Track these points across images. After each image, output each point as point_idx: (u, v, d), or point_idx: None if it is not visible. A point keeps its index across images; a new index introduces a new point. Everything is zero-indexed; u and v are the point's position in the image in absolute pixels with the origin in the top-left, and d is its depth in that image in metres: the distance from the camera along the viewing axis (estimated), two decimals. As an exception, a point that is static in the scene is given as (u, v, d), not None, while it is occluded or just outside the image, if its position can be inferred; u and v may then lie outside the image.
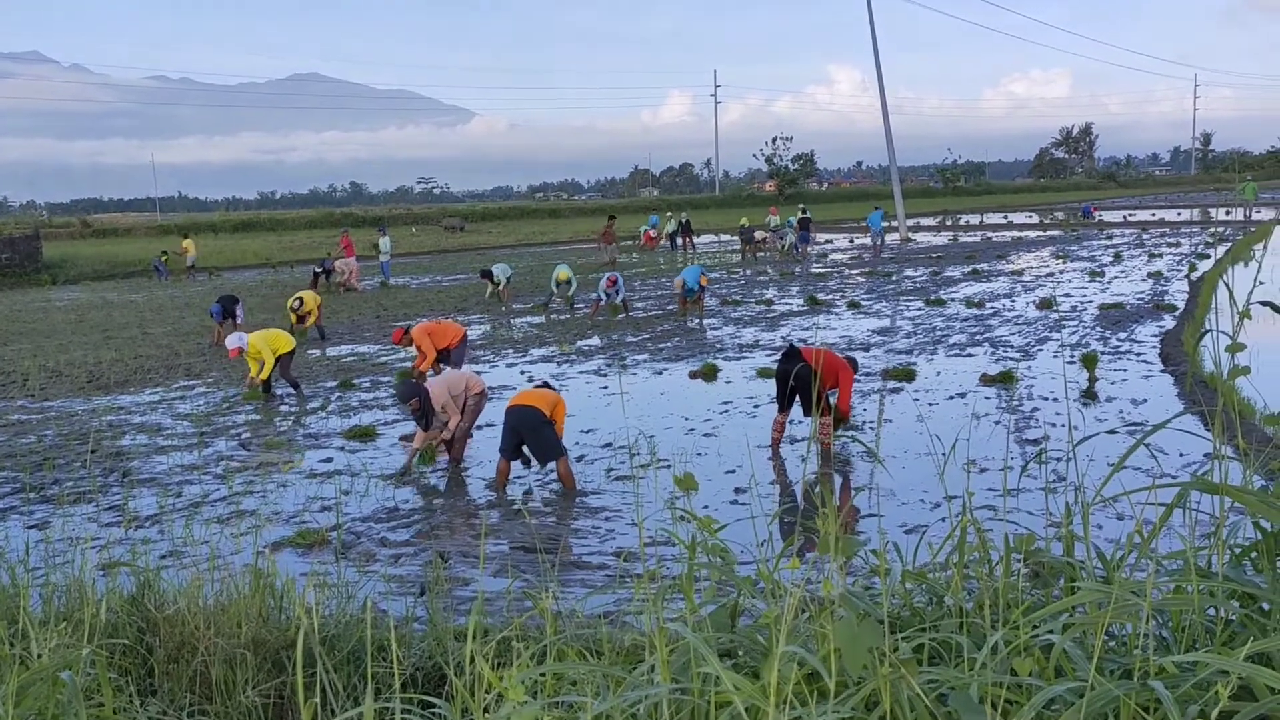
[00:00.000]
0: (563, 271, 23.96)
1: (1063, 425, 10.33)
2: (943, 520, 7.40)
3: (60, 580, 5.08)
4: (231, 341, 13.34)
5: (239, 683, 4.00)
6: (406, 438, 11.16)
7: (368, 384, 14.56)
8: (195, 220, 76.89)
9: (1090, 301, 20.85)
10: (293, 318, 19.14)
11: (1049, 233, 47.80)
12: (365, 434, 11.41)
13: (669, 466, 9.37)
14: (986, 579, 2.59)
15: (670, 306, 22.37)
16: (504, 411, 9.34)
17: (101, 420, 12.55)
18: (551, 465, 9.24)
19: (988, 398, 12.07)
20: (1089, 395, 12.00)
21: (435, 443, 10.26)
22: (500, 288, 25.02)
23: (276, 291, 29.55)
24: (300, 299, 19.39)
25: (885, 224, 40.10)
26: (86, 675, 3.05)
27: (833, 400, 10.04)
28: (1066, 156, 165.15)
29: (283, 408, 13.20)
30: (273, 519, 8.50)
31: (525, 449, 9.26)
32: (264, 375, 13.50)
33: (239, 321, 19.50)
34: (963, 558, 2.71)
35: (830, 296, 23.71)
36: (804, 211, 43.16)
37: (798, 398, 10.07)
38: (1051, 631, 2.23)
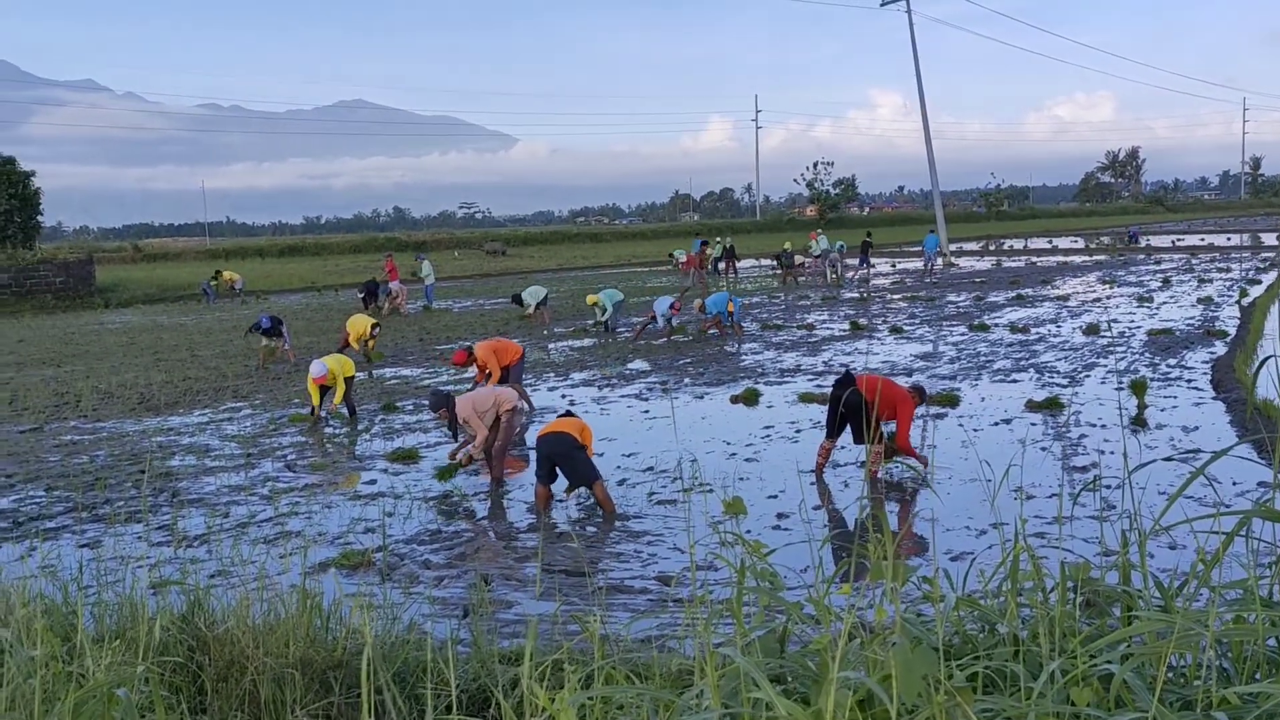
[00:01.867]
0: (590, 296, 24.18)
1: (1111, 453, 10.19)
2: (990, 548, 7.32)
3: (112, 598, 5.15)
4: (316, 370, 13.38)
5: (287, 702, 4.03)
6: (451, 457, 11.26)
7: (411, 407, 14.66)
8: (242, 245, 78.04)
9: (1139, 327, 20.57)
10: (359, 345, 19.06)
11: (1095, 258, 47.29)
12: (408, 456, 11.48)
13: (711, 491, 9.34)
14: (1041, 607, 2.55)
15: (711, 332, 22.37)
16: (535, 441, 9.39)
17: (152, 441, 12.73)
18: (586, 491, 9.27)
19: (1034, 424, 11.92)
20: (1138, 422, 11.82)
21: (464, 461, 10.33)
22: (530, 312, 25.09)
23: (321, 315, 29.88)
24: (365, 326, 19.31)
25: (925, 250, 40.66)
26: (140, 692, 3.08)
27: (886, 430, 9.85)
28: (1113, 181, 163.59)
29: (327, 430, 13.32)
30: (318, 540, 8.56)
31: (560, 473, 9.29)
32: (338, 400, 13.60)
33: (287, 345, 19.73)
34: (1015, 585, 2.68)
35: (872, 321, 23.59)
36: (867, 236, 43.52)
37: (849, 425, 9.93)
38: (1110, 662, 2.19)
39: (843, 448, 10.64)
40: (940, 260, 42.80)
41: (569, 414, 9.94)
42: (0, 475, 11.12)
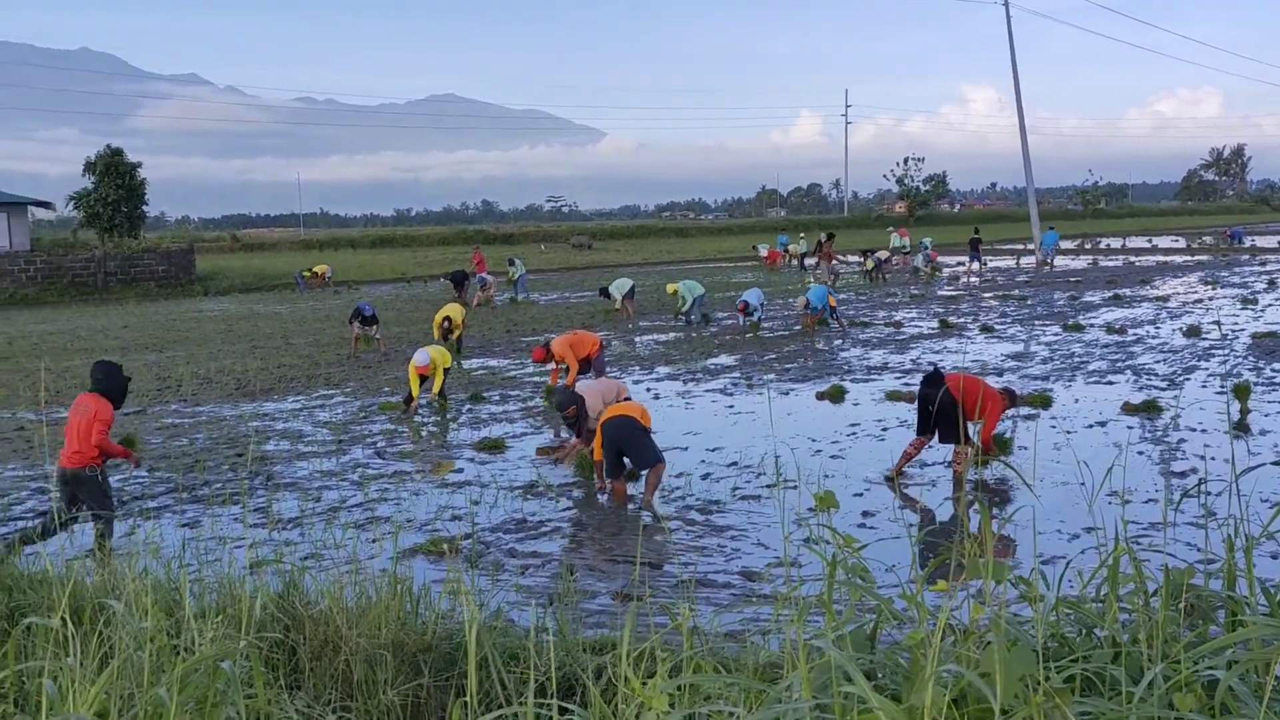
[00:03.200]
0: (670, 285, 24.35)
1: (1212, 458, 9.88)
2: (1083, 552, 7.16)
3: (211, 577, 5.32)
4: (420, 359, 13.65)
5: (379, 682, 4.12)
6: (544, 450, 11.37)
7: (497, 397, 14.84)
8: (335, 236, 79.75)
9: (1242, 330, 19.89)
10: (436, 333, 19.42)
11: (1197, 257, 45.85)
12: (495, 446, 11.63)
13: (795, 487, 9.29)
14: (1143, 611, 2.49)
15: (797, 327, 22.22)
16: (600, 427, 9.40)
17: (248, 426, 13.09)
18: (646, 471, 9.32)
19: (1130, 427, 11.62)
20: (1241, 427, 11.44)
21: (562, 458, 10.43)
22: (617, 305, 25.25)
23: (411, 306, 30.40)
24: (449, 317, 19.60)
25: (1042, 245, 41.88)
26: (241, 667, 3.19)
27: (973, 430, 9.70)
28: (1216, 179, 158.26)
29: (416, 419, 13.55)
30: (406, 526, 8.72)
31: (626, 460, 9.35)
32: (436, 389, 13.85)
33: (378, 335, 20.14)
34: (1114, 588, 2.62)
35: (962, 320, 23.20)
36: (975, 232, 43.16)
37: (937, 425, 9.80)
38: (1214, 668, 2.14)
39: (931, 447, 10.50)
40: (1050, 255, 42.46)
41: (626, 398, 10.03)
42: (106, 455, 11.53)
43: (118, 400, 8.24)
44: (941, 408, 9.43)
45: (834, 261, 37.29)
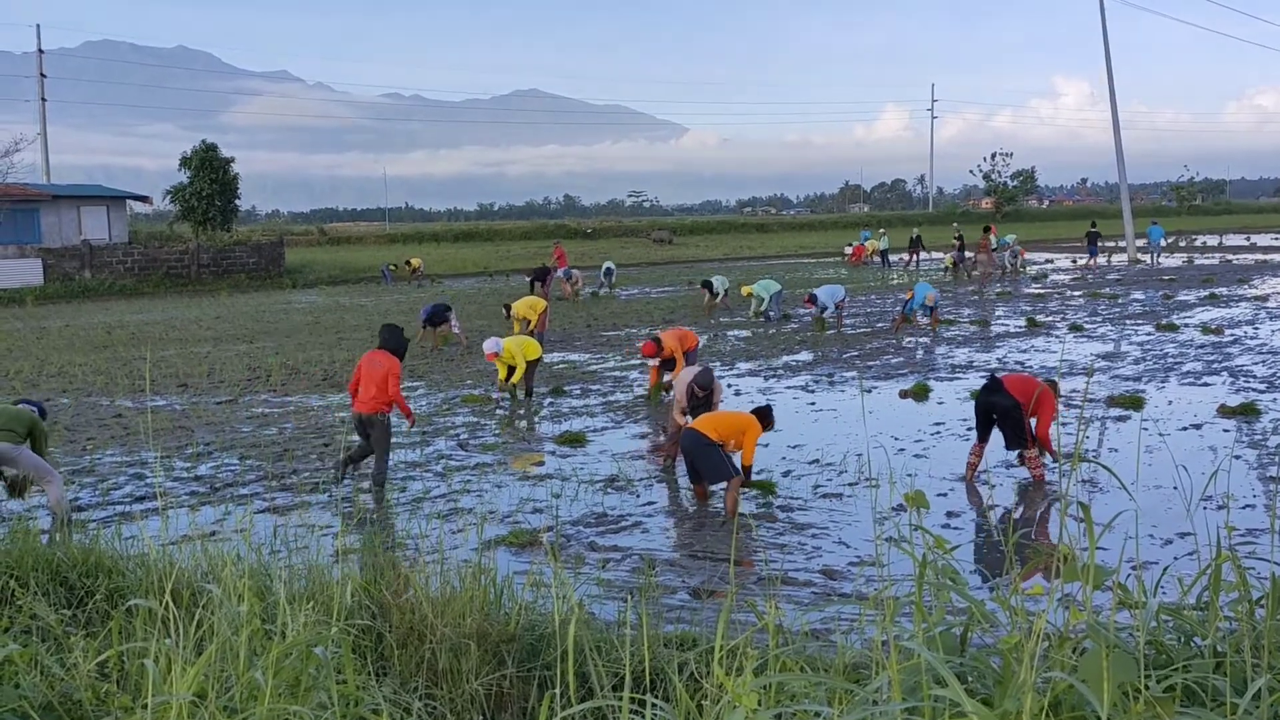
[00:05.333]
0: (745, 287, 24.39)
1: (1314, 464, 9.54)
2: (1176, 559, 6.97)
3: (300, 563, 5.44)
4: (489, 346, 13.96)
5: (463, 671, 4.17)
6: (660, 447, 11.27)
7: (578, 391, 14.92)
8: (420, 230, 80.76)
9: (1347, 331, 19.15)
10: (516, 327, 19.49)
11: (1298, 256, 44.25)
12: (575, 440, 11.70)
13: (877, 486, 9.19)
14: (1246, 620, 2.42)
15: (880, 324, 21.94)
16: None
17: (335, 416, 13.36)
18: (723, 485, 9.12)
19: (1226, 430, 11.27)
20: (1345, 432, 11.02)
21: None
22: (719, 299, 25.46)
23: (494, 299, 30.72)
24: (525, 318, 19.66)
25: (1150, 240, 41.89)
26: (331, 652, 3.25)
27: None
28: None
29: (498, 412, 13.69)
30: (489, 518, 8.82)
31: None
32: (515, 379, 14.03)
33: (455, 328, 20.31)
34: (1216, 595, 2.55)
35: (1050, 318, 22.71)
36: (1093, 226, 42.98)
37: (1003, 430, 9.69)
38: (1324, 681, 2.06)
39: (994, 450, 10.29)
40: (1157, 251, 41.74)
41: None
42: (200, 443, 11.87)
43: (402, 357, 10.09)
44: (1005, 412, 9.38)
45: (991, 255, 36.73)
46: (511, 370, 14.01)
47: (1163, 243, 43.33)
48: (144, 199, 49.55)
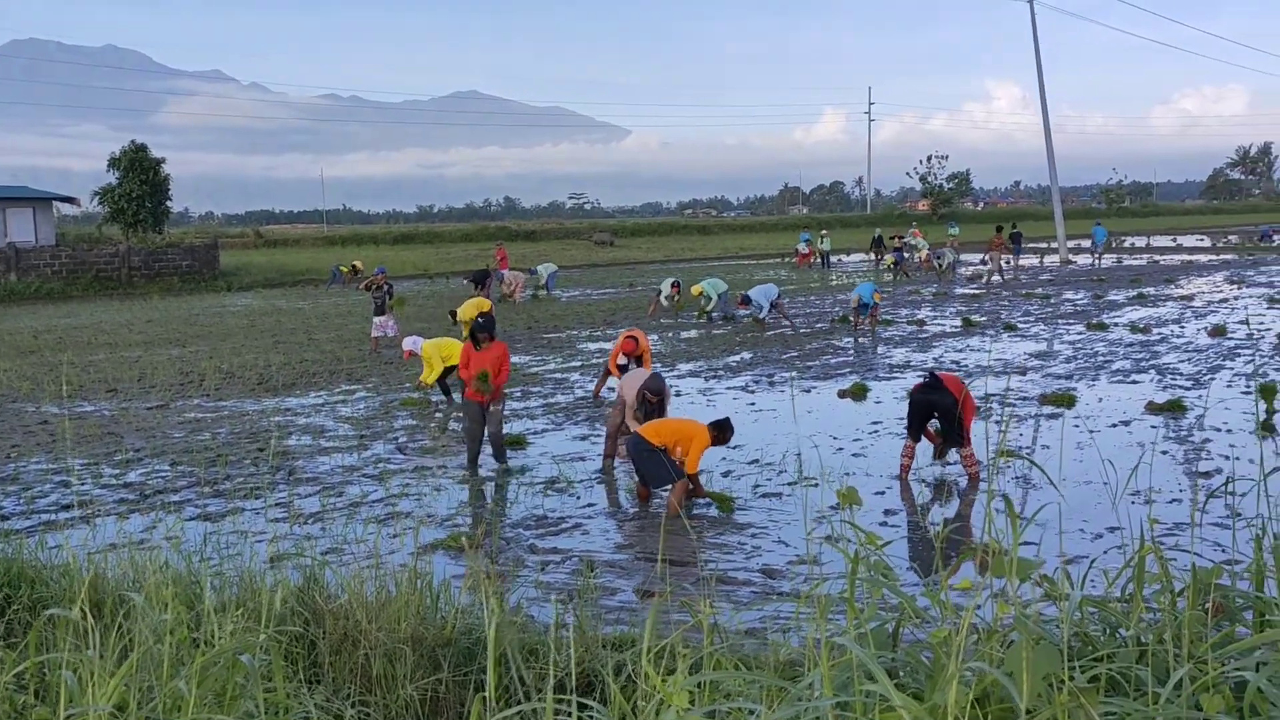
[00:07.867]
0: (695, 286, 24.41)
1: (1237, 459, 9.79)
2: (1105, 552, 7.10)
3: (232, 570, 5.34)
4: (407, 344, 13.94)
5: (398, 677, 4.12)
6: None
7: (519, 394, 14.84)
8: (358, 232, 79.83)
9: (1269, 329, 19.68)
10: (465, 330, 19.31)
11: (1222, 256, 45.43)
12: (515, 443, 11.62)
13: (816, 485, 9.25)
14: (1169, 611, 2.46)
15: (819, 325, 22.13)
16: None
17: (270, 420, 13.15)
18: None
19: (1154, 427, 11.52)
20: (1267, 428, 11.31)
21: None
22: (666, 300, 25.54)
23: (434, 302, 30.46)
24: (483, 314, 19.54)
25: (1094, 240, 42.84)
26: (260, 660, 3.19)
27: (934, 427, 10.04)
28: (1242, 178, 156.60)
29: (437, 415, 13.58)
30: (427, 521, 8.73)
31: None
32: (428, 380, 13.94)
33: (394, 332, 20.11)
34: (1140, 587, 2.59)
35: (985, 318, 23.06)
36: (1014, 227, 42.80)
37: (943, 427, 9.88)
38: (1243, 669, 2.10)
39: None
40: (1099, 251, 42.50)
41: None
42: (129, 449, 11.61)
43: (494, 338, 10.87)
44: (947, 410, 9.55)
45: (1002, 254, 36.65)
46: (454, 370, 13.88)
47: (1108, 243, 44.22)
48: (72, 200, 48.43)
